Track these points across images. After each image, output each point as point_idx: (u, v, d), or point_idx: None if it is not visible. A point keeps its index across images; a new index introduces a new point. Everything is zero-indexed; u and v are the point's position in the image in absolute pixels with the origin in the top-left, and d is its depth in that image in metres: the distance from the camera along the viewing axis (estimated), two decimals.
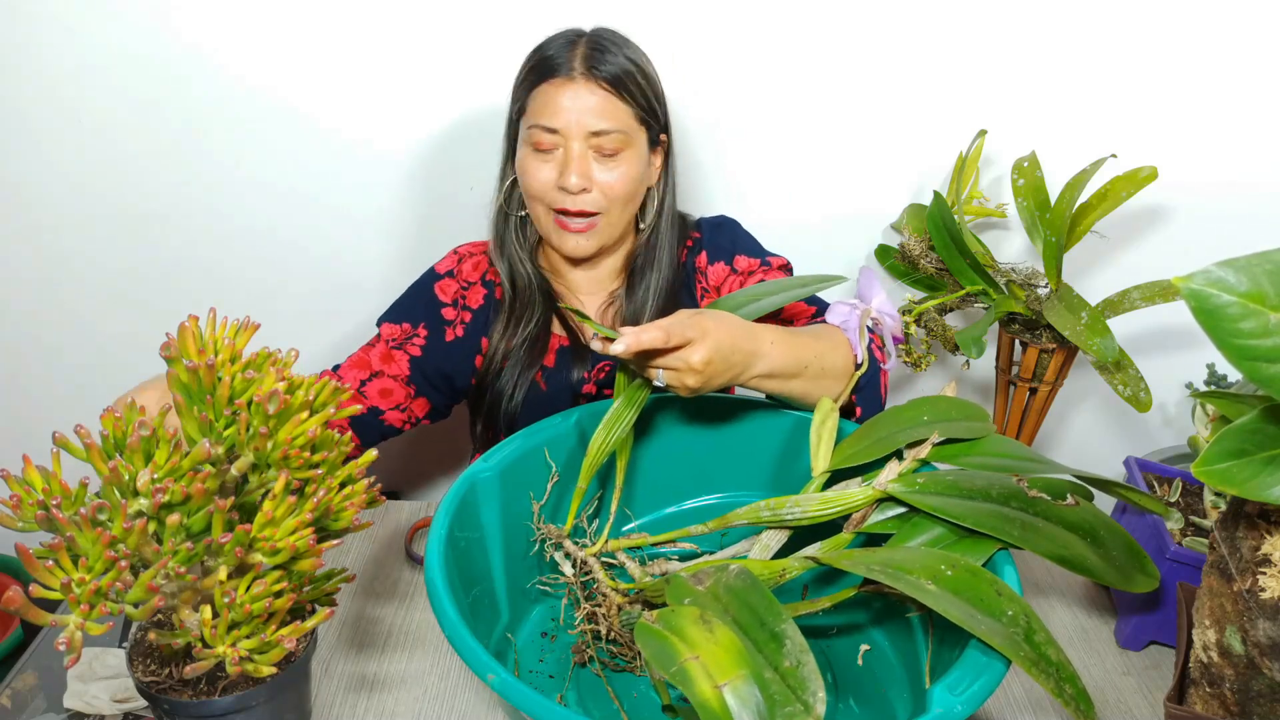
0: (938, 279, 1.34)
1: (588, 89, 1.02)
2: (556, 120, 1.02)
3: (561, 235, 1.07)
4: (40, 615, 0.59)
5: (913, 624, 0.83)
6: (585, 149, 1.03)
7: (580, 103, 1.02)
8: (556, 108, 1.02)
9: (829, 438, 0.89)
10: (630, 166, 1.05)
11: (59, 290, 1.45)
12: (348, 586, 1.00)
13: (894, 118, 1.35)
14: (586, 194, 1.04)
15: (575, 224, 1.06)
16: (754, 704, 0.57)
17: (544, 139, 1.03)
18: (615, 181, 1.05)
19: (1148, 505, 0.88)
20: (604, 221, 1.07)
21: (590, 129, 1.02)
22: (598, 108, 1.02)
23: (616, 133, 1.03)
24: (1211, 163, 1.35)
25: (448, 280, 1.16)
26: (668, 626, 0.65)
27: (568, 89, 1.02)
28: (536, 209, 1.08)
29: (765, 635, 0.63)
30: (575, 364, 1.13)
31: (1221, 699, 0.68)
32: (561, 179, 1.03)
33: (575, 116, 1.02)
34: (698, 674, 0.59)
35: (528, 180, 1.06)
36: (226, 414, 0.66)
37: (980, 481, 0.81)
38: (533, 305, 1.13)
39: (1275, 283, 0.51)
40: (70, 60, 1.29)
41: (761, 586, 0.68)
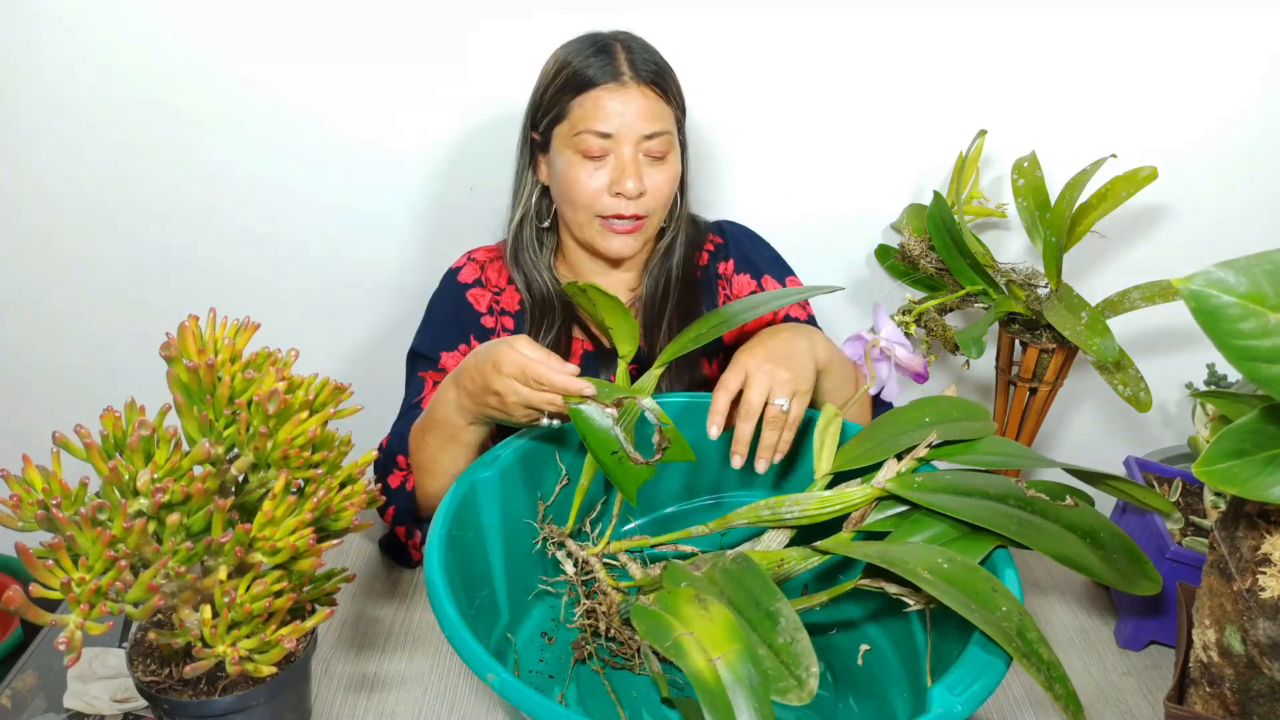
0: (938, 279, 1.34)
1: (639, 92, 1.01)
2: (609, 125, 1.01)
3: (608, 238, 1.06)
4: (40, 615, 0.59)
5: (912, 623, 0.83)
6: (636, 153, 1.02)
7: (632, 106, 1.01)
8: (608, 113, 1.01)
9: (832, 441, 0.89)
10: (674, 167, 1.06)
11: (59, 290, 1.45)
12: (348, 586, 1.00)
13: (894, 118, 1.35)
14: (641, 198, 1.04)
15: (623, 225, 1.05)
16: (747, 676, 0.57)
17: (595, 145, 1.01)
18: (662, 184, 1.05)
19: (1148, 501, 0.88)
20: (648, 224, 1.07)
21: (643, 133, 1.02)
22: (648, 111, 1.02)
23: (665, 134, 1.03)
24: (1211, 163, 1.35)
25: (477, 289, 1.14)
26: (663, 606, 0.65)
27: (619, 94, 1.01)
28: (579, 216, 1.06)
29: (760, 614, 0.64)
30: (601, 368, 1.12)
31: (1221, 699, 0.68)
32: (617, 184, 1.02)
33: (628, 120, 1.01)
34: (691, 648, 0.60)
35: (575, 189, 1.04)
36: (226, 414, 0.66)
37: (979, 480, 0.81)
38: (552, 314, 1.12)
39: (1275, 283, 0.51)
40: (71, 60, 1.29)
41: (757, 568, 0.69)
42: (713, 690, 0.57)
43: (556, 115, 1.05)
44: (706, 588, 0.68)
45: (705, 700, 0.56)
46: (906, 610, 0.76)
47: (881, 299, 1.45)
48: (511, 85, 1.28)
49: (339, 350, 1.49)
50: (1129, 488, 0.86)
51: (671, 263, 1.14)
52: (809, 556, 0.81)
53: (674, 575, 0.72)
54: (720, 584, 0.69)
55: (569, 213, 1.08)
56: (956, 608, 0.66)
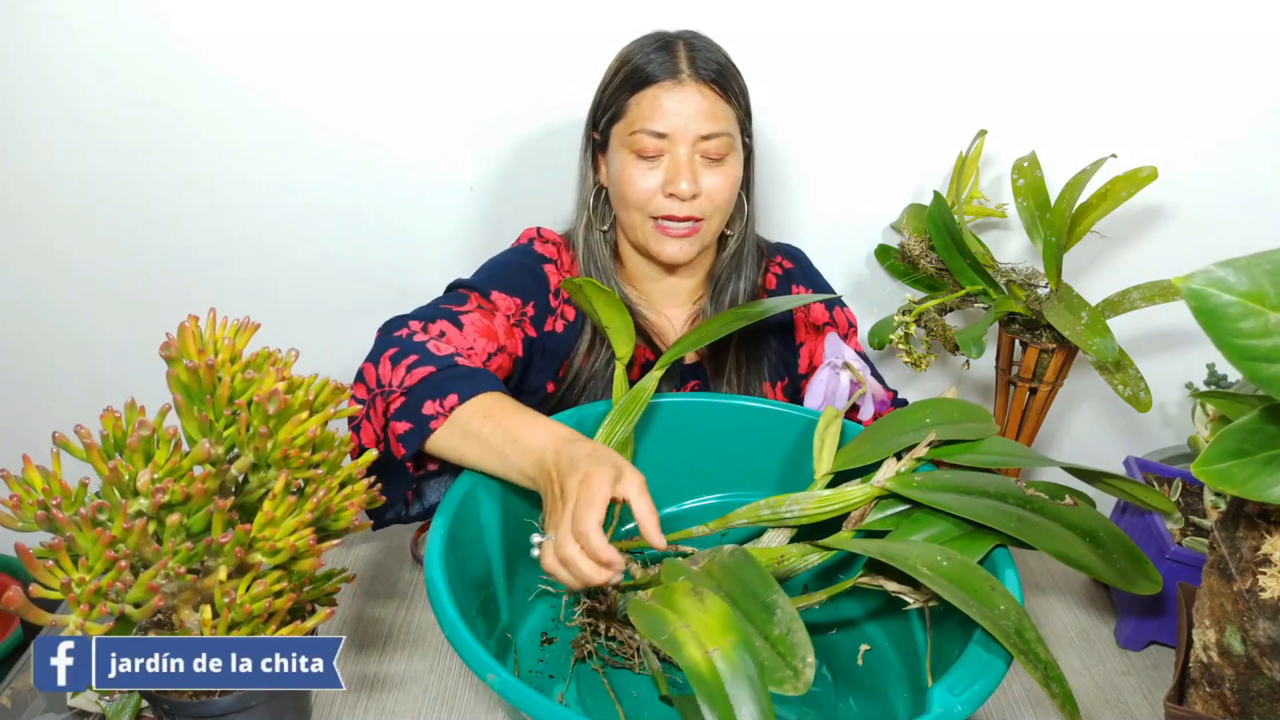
0: (938, 279, 1.34)
1: (697, 91, 0.98)
2: (665, 124, 0.98)
3: (662, 241, 1.03)
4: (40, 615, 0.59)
5: (912, 622, 0.83)
6: (692, 154, 1.00)
7: (690, 106, 0.98)
8: (664, 111, 0.98)
9: (832, 441, 0.89)
10: (733, 170, 1.03)
11: (59, 290, 1.45)
12: (348, 586, 1.00)
13: (894, 118, 1.35)
14: (695, 200, 1.01)
15: (677, 229, 1.02)
16: (744, 668, 0.58)
17: (649, 145, 0.99)
18: (720, 187, 1.02)
19: (1148, 499, 0.88)
20: (705, 228, 1.03)
21: (700, 133, 0.99)
22: (707, 110, 0.99)
23: (724, 135, 1.00)
24: (1211, 163, 1.34)
25: (553, 268, 1.09)
26: (660, 600, 0.66)
27: (676, 92, 0.98)
28: (633, 217, 1.04)
29: (756, 606, 0.64)
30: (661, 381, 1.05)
31: (1221, 699, 0.68)
32: (670, 185, 0.99)
33: (684, 120, 0.98)
34: (687, 640, 0.60)
35: (628, 189, 1.01)
36: (226, 414, 0.66)
37: (978, 480, 0.82)
38: None
39: (1275, 283, 0.51)
40: (71, 60, 1.28)
41: (754, 561, 0.69)
42: (709, 683, 0.57)
43: (615, 113, 1.02)
44: (703, 581, 0.68)
45: (702, 693, 0.56)
46: (906, 609, 0.76)
47: (882, 299, 1.45)
48: (513, 86, 1.28)
49: (339, 350, 1.49)
50: (1129, 486, 0.86)
51: (739, 278, 1.12)
52: (808, 553, 0.81)
53: (671, 571, 0.73)
54: (717, 577, 0.69)
55: (623, 214, 1.05)
56: (954, 602, 0.66)
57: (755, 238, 1.14)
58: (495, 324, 1.00)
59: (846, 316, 1.21)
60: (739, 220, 1.11)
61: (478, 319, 0.98)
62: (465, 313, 0.97)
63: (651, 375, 0.93)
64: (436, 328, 0.93)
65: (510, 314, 1.03)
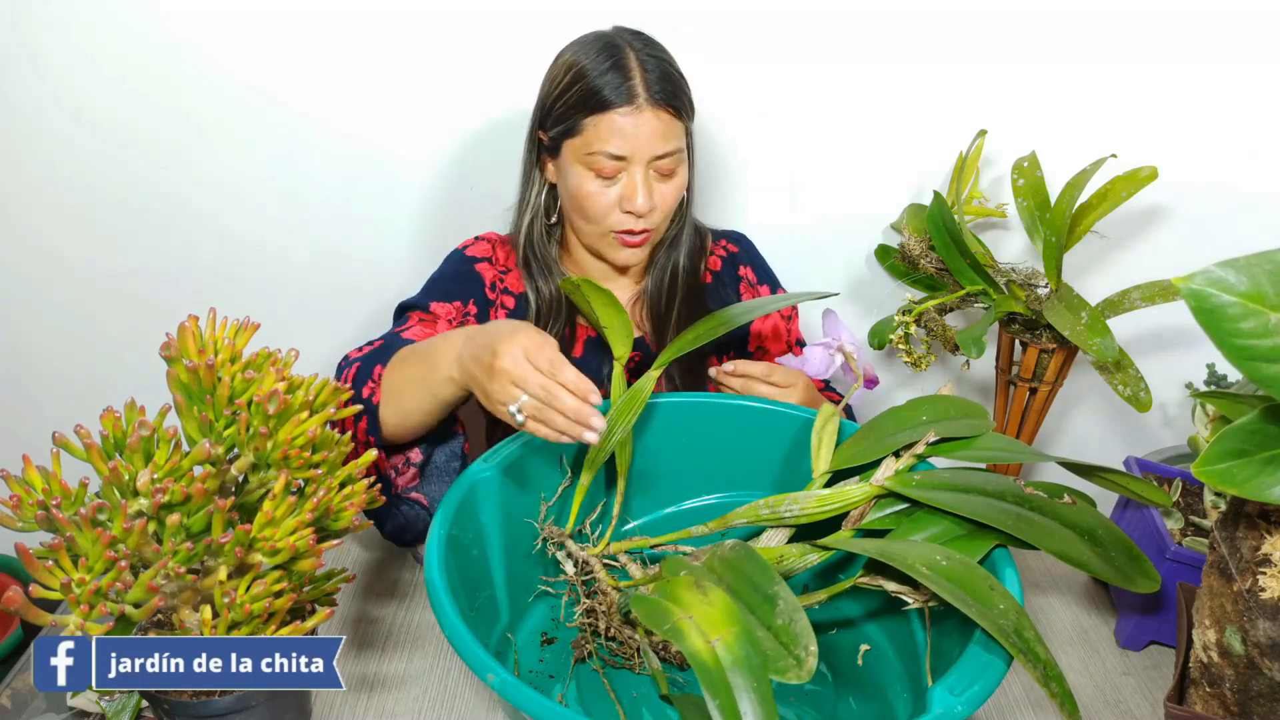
0: (938, 279, 1.34)
1: (653, 115, 1.02)
2: (624, 148, 1.02)
3: (618, 250, 1.09)
4: (40, 615, 0.59)
5: (912, 622, 0.83)
6: (647, 172, 1.04)
7: (646, 129, 1.02)
8: (622, 136, 1.01)
9: (830, 440, 0.90)
10: (682, 179, 1.08)
11: (59, 290, 1.45)
12: (348, 586, 1.00)
13: (894, 118, 1.35)
14: (651, 213, 1.06)
15: (633, 240, 1.08)
16: (746, 657, 0.58)
17: (607, 165, 1.02)
18: (670, 195, 1.07)
19: (1144, 493, 0.88)
20: (654, 234, 1.10)
21: (655, 154, 1.03)
22: (662, 132, 1.03)
23: (677, 153, 1.05)
24: (1211, 163, 1.34)
25: (486, 265, 1.15)
26: (662, 594, 0.66)
27: (633, 118, 1.01)
28: (589, 228, 1.09)
29: (758, 598, 0.64)
30: (604, 358, 1.15)
31: (1221, 699, 0.68)
32: (628, 202, 1.04)
33: (642, 143, 1.02)
34: (690, 630, 0.60)
35: (587, 204, 1.05)
36: (226, 414, 0.66)
37: (976, 478, 0.82)
38: (558, 306, 1.14)
39: (1275, 283, 0.51)
40: (71, 60, 1.28)
41: (756, 554, 0.70)
42: (711, 670, 0.57)
43: (569, 129, 1.04)
44: (705, 575, 0.69)
45: (704, 680, 0.56)
46: (905, 609, 0.76)
47: (882, 299, 1.45)
48: (514, 86, 1.28)
49: (339, 351, 1.49)
50: (1124, 480, 0.86)
51: (677, 257, 1.16)
52: (807, 553, 0.81)
53: (673, 566, 0.73)
54: (719, 571, 0.69)
55: (579, 223, 1.10)
56: (953, 601, 0.66)
57: (693, 219, 1.18)
58: (438, 329, 1.05)
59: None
60: (680, 212, 1.15)
61: (418, 330, 1.03)
62: (406, 329, 1.02)
63: (649, 375, 0.93)
64: (372, 347, 0.98)
65: (451, 318, 1.09)
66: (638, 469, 0.96)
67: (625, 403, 0.90)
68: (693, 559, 0.74)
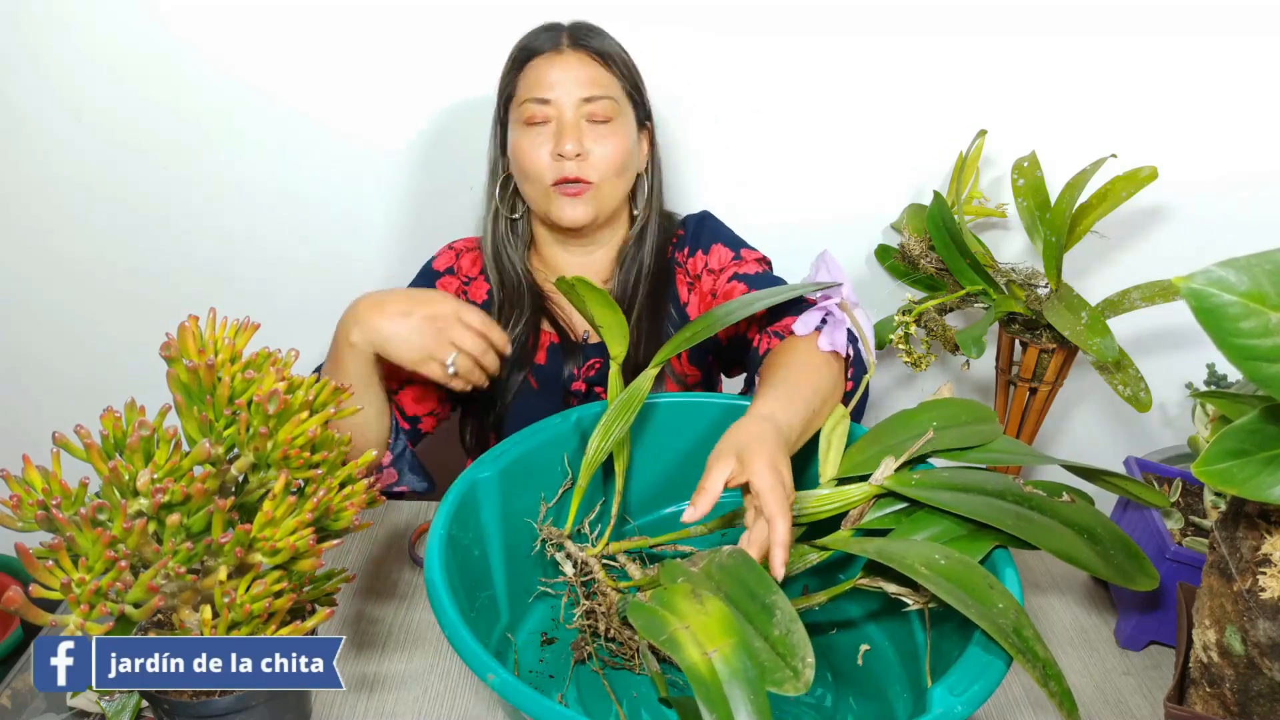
0: (938, 279, 1.34)
1: (577, 59, 1.05)
2: (549, 91, 1.04)
3: (560, 203, 1.07)
4: (40, 615, 0.59)
5: (912, 623, 0.83)
6: (578, 118, 1.05)
7: (571, 73, 1.04)
8: (548, 81, 1.04)
9: (839, 444, 0.89)
10: (621, 138, 1.07)
11: (59, 290, 1.45)
12: (348, 586, 1.00)
13: (894, 118, 1.35)
14: (582, 160, 1.05)
15: (570, 189, 1.06)
16: (743, 669, 0.58)
17: (536, 111, 1.05)
18: (609, 151, 1.06)
19: (1144, 496, 0.88)
20: (596, 191, 1.07)
21: (582, 95, 1.04)
22: (588, 77, 1.05)
23: (606, 98, 1.05)
24: (1211, 163, 1.34)
25: (448, 277, 1.15)
26: (659, 602, 0.66)
27: (557, 61, 1.05)
28: (532, 190, 1.09)
29: (756, 607, 0.64)
30: (566, 360, 1.13)
31: (1221, 699, 0.68)
32: (558, 145, 1.04)
33: (567, 87, 1.04)
34: (687, 641, 0.60)
35: (522, 158, 1.06)
36: (226, 414, 0.66)
37: (976, 477, 0.82)
38: (522, 305, 1.13)
39: (1275, 282, 0.51)
40: (70, 60, 1.29)
41: (753, 562, 0.69)
42: (708, 683, 0.57)
43: (509, 94, 1.09)
44: (703, 583, 0.69)
45: (701, 694, 0.56)
46: (905, 610, 0.76)
47: (882, 299, 1.45)
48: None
49: None
50: (1125, 483, 0.86)
51: (643, 252, 1.14)
52: (806, 553, 0.81)
53: (670, 572, 0.73)
54: (716, 579, 0.69)
55: (526, 187, 1.10)
56: (952, 602, 0.66)
57: (661, 215, 1.17)
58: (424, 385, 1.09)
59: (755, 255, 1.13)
60: (642, 199, 1.15)
61: (409, 391, 1.09)
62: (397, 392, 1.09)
63: (646, 374, 0.93)
64: None
65: None
66: (636, 469, 0.96)
67: (623, 402, 0.90)
68: (690, 564, 0.74)
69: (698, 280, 1.15)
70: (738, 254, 1.12)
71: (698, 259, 1.14)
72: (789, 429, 0.82)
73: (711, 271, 1.13)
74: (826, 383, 0.91)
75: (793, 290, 1.00)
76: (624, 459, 0.92)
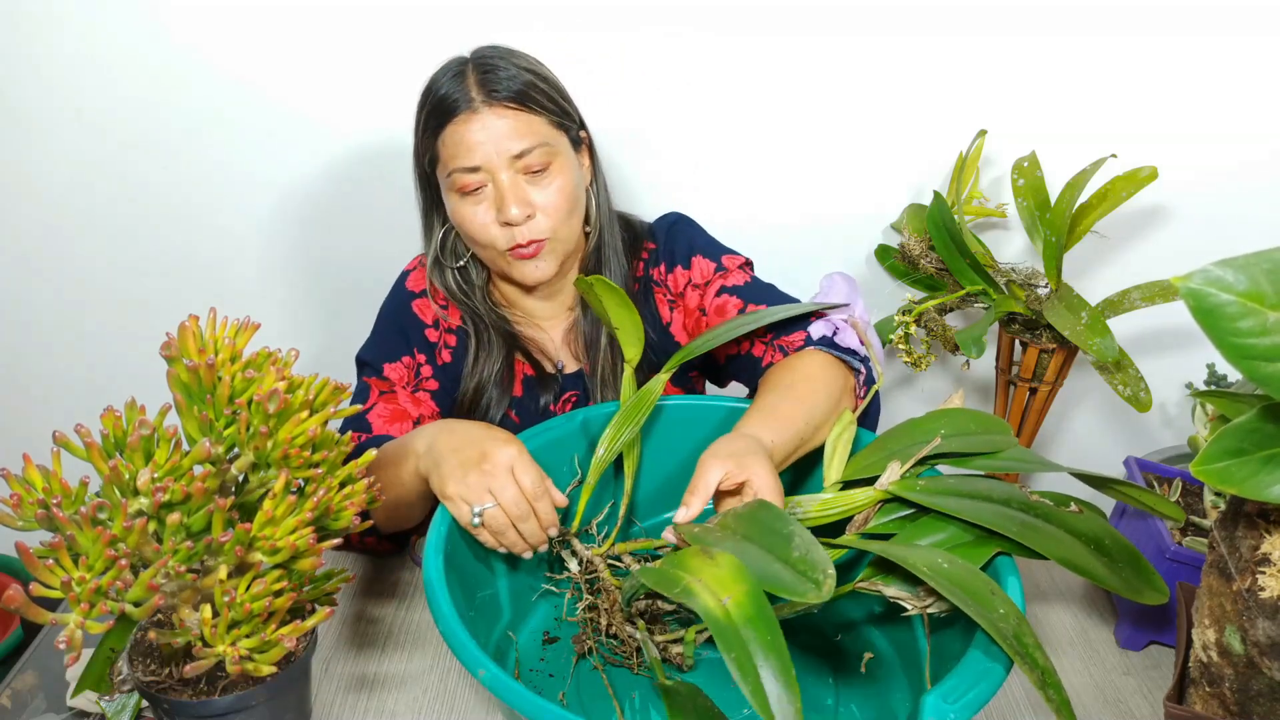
0: (938, 279, 1.34)
1: (494, 115, 0.95)
2: (474, 158, 0.96)
3: (520, 267, 1.02)
4: (40, 614, 0.59)
5: (915, 628, 0.83)
6: (514, 176, 0.97)
7: (491, 131, 0.95)
8: (470, 145, 0.95)
9: (844, 449, 0.89)
10: (564, 178, 1.00)
11: (59, 290, 1.45)
12: (348, 586, 1.00)
13: (894, 118, 1.35)
14: (531, 221, 0.98)
15: (527, 250, 1.00)
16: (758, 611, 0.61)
17: (468, 180, 0.97)
18: (554, 198, 0.99)
19: (1157, 506, 0.87)
20: (552, 243, 1.01)
21: (511, 153, 0.96)
22: (510, 129, 0.96)
23: (539, 147, 0.97)
24: (1211, 163, 1.35)
25: (423, 300, 1.10)
26: (671, 564, 0.68)
27: (474, 122, 0.95)
28: (486, 253, 1.03)
29: (775, 538, 0.68)
30: (541, 392, 1.10)
31: (1221, 699, 0.68)
32: (501, 214, 0.97)
33: (492, 147, 0.95)
34: (701, 590, 0.63)
35: (468, 229, 1.00)
36: (226, 413, 0.66)
37: (981, 485, 0.81)
38: (493, 345, 1.08)
39: (1274, 282, 0.51)
40: (70, 60, 1.29)
41: (768, 504, 0.73)
42: (724, 625, 0.60)
43: (431, 157, 1.01)
44: (716, 536, 0.71)
45: (719, 635, 0.60)
46: (905, 614, 0.76)
47: (882, 299, 1.45)
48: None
49: (339, 350, 1.49)
50: (1136, 493, 0.86)
51: (603, 266, 1.08)
52: None
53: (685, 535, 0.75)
54: (733, 526, 0.72)
55: (480, 252, 1.04)
56: (953, 600, 0.66)
57: (619, 230, 1.10)
58: (401, 401, 1.05)
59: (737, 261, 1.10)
60: (593, 217, 1.08)
61: (381, 409, 1.04)
62: (369, 410, 1.03)
63: (659, 378, 0.93)
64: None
65: (407, 382, 1.06)
66: (645, 471, 0.96)
67: (633, 405, 0.90)
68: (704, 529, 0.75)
69: (680, 298, 1.10)
70: (720, 264, 1.08)
71: (678, 275, 1.10)
72: (773, 449, 0.83)
73: (696, 286, 1.09)
74: (823, 405, 0.90)
75: (802, 308, 0.99)
76: (634, 460, 0.93)
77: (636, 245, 1.12)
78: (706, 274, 1.08)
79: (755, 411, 0.88)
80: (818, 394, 0.91)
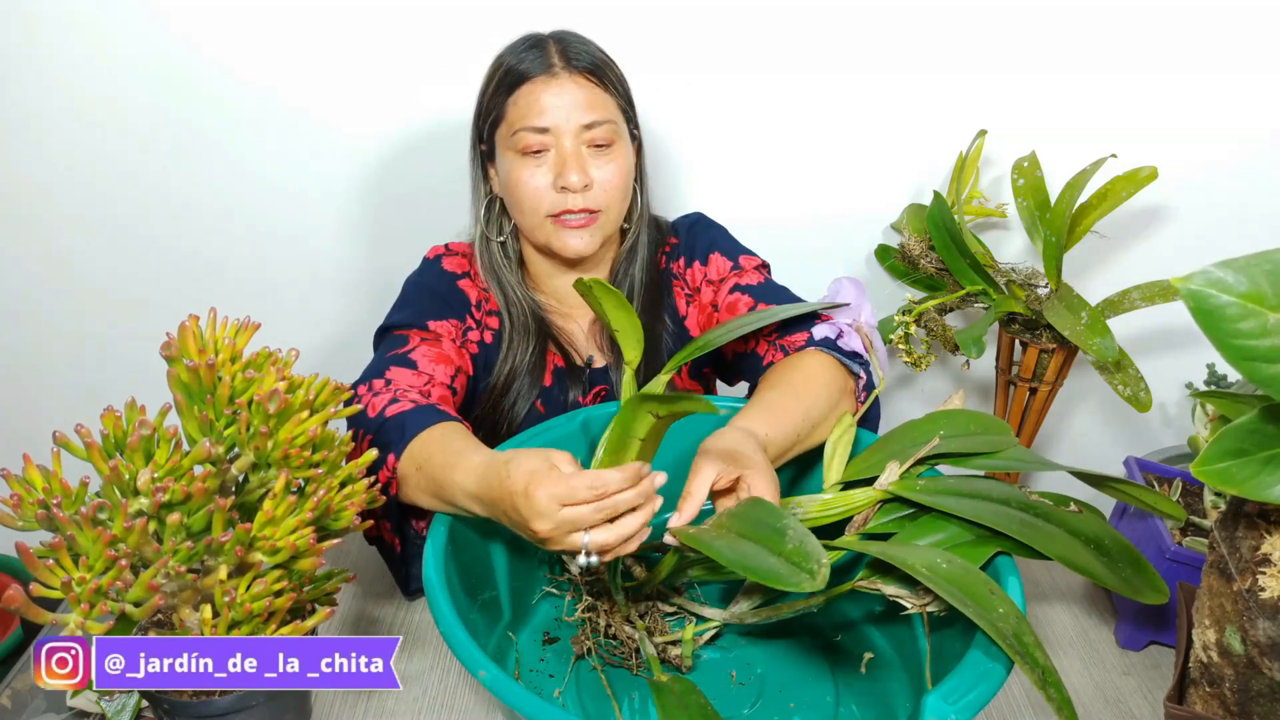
0: (938, 279, 1.34)
1: (573, 82, 0.98)
2: (546, 119, 0.97)
3: (563, 235, 1.02)
4: (40, 614, 0.59)
5: (915, 628, 0.83)
6: (578, 146, 0.99)
7: (568, 97, 0.97)
8: (543, 106, 0.97)
9: (844, 451, 0.89)
10: (623, 161, 1.02)
11: (59, 289, 1.45)
12: (348, 586, 1.00)
13: (894, 118, 1.35)
14: (588, 191, 1.00)
15: (575, 220, 1.01)
16: None
17: (533, 141, 0.98)
18: (612, 176, 1.01)
19: (1159, 506, 0.87)
20: (603, 218, 1.02)
21: (582, 122, 0.98)
22: (586, 100, 0.98)
23: (608, 123, 0.99)
24: (1211, 163, 1.35)
25: (467, 281, 1.09)
26: None
27: (552, 85, 0.98)
28: (530, 219, 1.03)
29: (769, 532, 0.68)
30: (570, 385, 1.09)
31: (1221, 699, 0.68)
32: (561, 178, 0.98)
33: (565, 112, 0.97)
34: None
35: (520, 190, 1.00)
36: (227, 413, 0.66)
37: (981, 485, 0.81)
38: (528, 333, 1.08)
39: (1274, 283, 0.51)
40: (70, 60, 1.29)
41: (762, 501, 0.73)
42: None
43: (496, 118, 1.02)
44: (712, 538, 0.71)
45: None
46: (905, 614, 0.76)
47: (882, 299, 1.45)
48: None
49: (338, 350, 1.49)
50: (1137, 492, 0.86)
51: (634, 267, 1.10)
52: None
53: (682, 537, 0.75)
54: (728, 525, 0.72)
55: (520, 217, 1.04)
56: (951, 601, 0.66)
57: (652, 226, 1.12)
58: (445, 348, 1.00)
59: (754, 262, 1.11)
60: (633, 213, 1.09)
61: (426, 349, 0.98)
62: (411, 350, 0.97)
63: (658, 379, 0.93)
64: (381, 381, 0.92)
65: (454, 337, 1.04)
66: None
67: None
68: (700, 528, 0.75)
69: (697, 293, 1.12)
70: (736, 263, 1.10)
71: (695, 271, 1.11)
72: (767, 441, 0.83)
73: (711, 283, 1.10)
74: (821, 403, 0.90)
75: (808, 307, 1.00)
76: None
77: (662, 241, 1.14)
78: (722, 271, 1.09)
79: (751, 406, 0.89)
80: (816, 392, 0.91)
